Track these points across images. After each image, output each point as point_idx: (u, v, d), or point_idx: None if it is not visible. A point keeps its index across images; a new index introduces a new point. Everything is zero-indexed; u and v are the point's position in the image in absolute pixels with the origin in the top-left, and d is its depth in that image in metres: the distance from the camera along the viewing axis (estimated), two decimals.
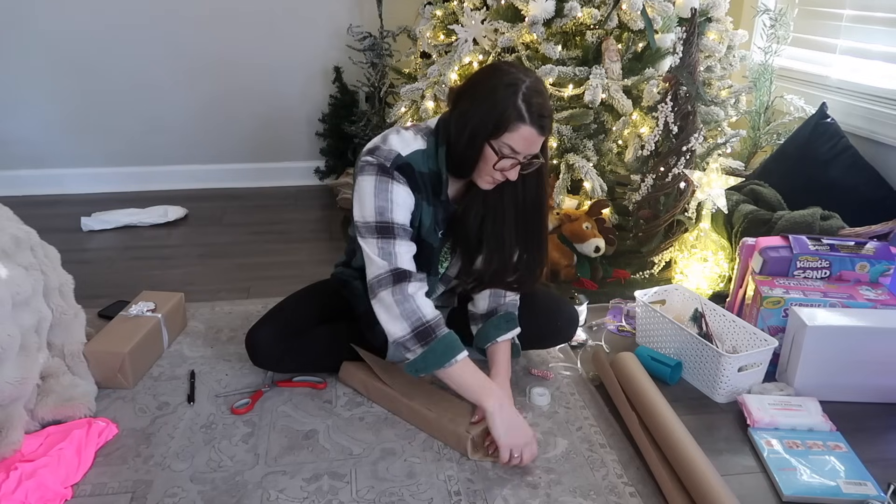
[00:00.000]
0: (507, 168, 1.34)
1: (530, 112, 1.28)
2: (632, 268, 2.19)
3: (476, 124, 1.31)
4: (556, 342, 1.72)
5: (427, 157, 1.39)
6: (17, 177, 2.96)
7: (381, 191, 1.35)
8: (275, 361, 1.59)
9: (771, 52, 2.51)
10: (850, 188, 2.11)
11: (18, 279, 1.36)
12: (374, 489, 1.28)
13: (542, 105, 1.30)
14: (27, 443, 1.31)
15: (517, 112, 1.28)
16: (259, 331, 1.57)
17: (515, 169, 1.34)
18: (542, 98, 1.30)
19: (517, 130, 1.29)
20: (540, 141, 1.32)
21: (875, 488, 1.28)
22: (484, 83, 1.33)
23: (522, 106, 1.28)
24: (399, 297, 1.35)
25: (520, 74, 1.31)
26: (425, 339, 1.34)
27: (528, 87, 1.29)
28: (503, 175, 1.35)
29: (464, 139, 1.34)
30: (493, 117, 1.29)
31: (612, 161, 2.27)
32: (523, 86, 1.29)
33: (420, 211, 1.42)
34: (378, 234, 1.36)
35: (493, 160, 1.32)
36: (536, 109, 1.28)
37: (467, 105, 1.34)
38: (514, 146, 1.30)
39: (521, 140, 1.30)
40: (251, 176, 3.17)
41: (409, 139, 1.39)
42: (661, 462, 1.32)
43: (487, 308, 1.56)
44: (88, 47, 2.82)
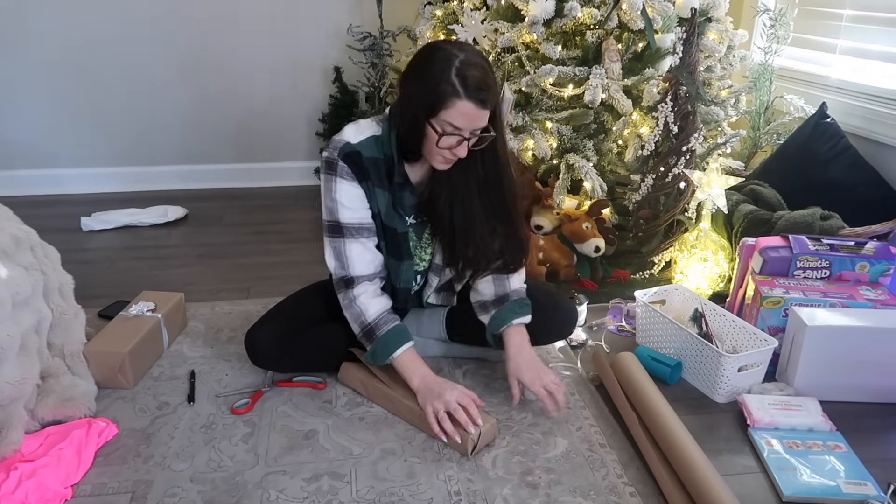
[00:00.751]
0: (453, 145, 1.33)
1: (465, 86, 1.27)
2: (632, 268, 2.19)
3: (415, 105, 1.32)
4: (554, 338, 1.72)
5: (380, 142, 1.42)
6: (17, 177, 2.96)
7: (328, 189, 1.43)
8: (274, 361, 1.59)
9: (771, 52, 2.51)
10: (850, 188, 2.10)
11: (18, 279, 1.36)
12: (374, 489, 1.28)
13: (479, 78, 1.28)
14: (27, 443, 1.31)
15: (452, 87, 1.27)
16: (258, 330, 1.57)
17: (463, 145, 1.33)
18: (479, 70, 1.29)
19: (454, 106, 1.28)
20: (482, 115, 1.31)
21: (875, 488, 1.28)
22: (420, 63, 1.33)
23: (456, 80, 1.27)
24: (346, 302, 1.47)
25: (454, 50, 1.30)
26: (370, 337, 1.45)
27: (461, 62, 1.28)
28: (452, 153, 1.35)
29: (406, 122, 1.35)
30: (429, 96, 1.29)
31: (612, 161, 2.27)
32: (457, 60, 1.28)
33: (374, 198, 1.44)
34: (330, 234, 1.46)
35: (435, 139, 1.32)
36: (473, 83, 1.27)
37: (407, 87, 1.36)
38: (455, 122, 1.30)
39: (459, 116, 1.29)
40: (251, 176, 3.17)
41: (364, 127, 1.43)
42: (661, 462, 1.32)
43: (495, 294, 1.55)
44: (89, 47, 2.82)
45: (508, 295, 1.55)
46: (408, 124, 1.36)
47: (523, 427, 1.47)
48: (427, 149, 1.37)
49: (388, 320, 1.46)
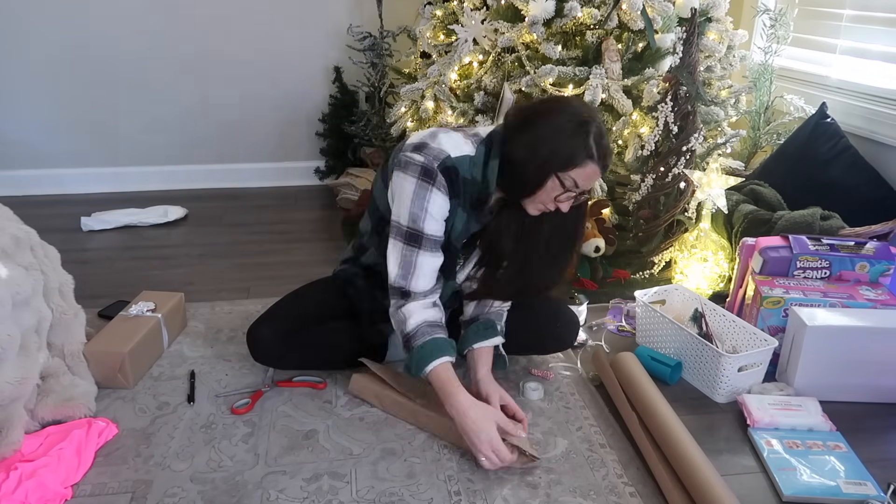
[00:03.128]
0: (564, 200, 1.36)
1: (599, 151, 1.31)
2: (632, 268, 2.19)
3: (547, 154, 1.31)
4: (556, 348, 1.72)
5: (473, 164, 1.38)
6: (17, 177, 2.96)
7: (419, 197, 1.35)
8: (275, 358, 1.60)
9: (771, 52, 2.51)
10: (850, 188, 2.10)
11: (18, 279, 1.36)
12: (374, 489, 1.28)
13: (608, 146, 1.34)
14: (27, 443, 1.31)
15: (589, 150, 1.30)
16: (260, 327, 1.57)
17: (569, 202, 1.37)
18: (607, 139, 1.35)
19: (585, 167, 1.31)
20: (599, 175, 1.36)
21: (875, 488, 1.28)
22: (556, 113, 1.34)
23: (593, 145, 1.31)
24: (393, 310, 1.44)
25: (592, 113, 1.35)
26: (408, 347, 1.41)
27: (597, 127, 1.33)
28: (555, 205, 1.36)
29: (532, 166, 1.33)
30: (566, 151, 1.31)
31: (612, 161, 2.27)
32: (594, 125, 1.32)
33: (454, 217, 1.41)
34: (405, 240, 1.39)
35: (555, 192, 1.34)
36: (604, 150, 1.33)
37: (537, 132, 1.33)
38: (579, 181, 1.33)
39: (586, 176, 1.33)
40: (251, 176, 3.17)
41: (460, 142, 1.38)
42: (661, 462, 1.32)
43: (471, 315, 1.56)
44: (89, 47, 2.82)
45: (479, 316, 1.54)
46: (532, 169, 1.33)
47: None
48: (537, 195, 1.35)
49: (427, 332, 1.39)
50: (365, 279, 1.63)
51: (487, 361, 1.50)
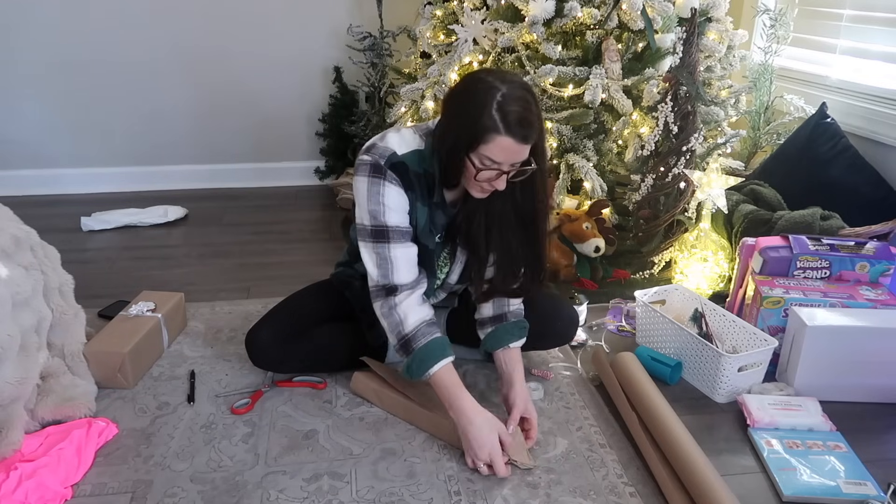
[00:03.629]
0: (492, 179, 1.31)
1: (506, 122, 1.23)
2: (632, 268, 2.19)
3: (455, 138, 1.29)
4: (555, 343, 1.72)
5: (422, 158, 1.37)
6: (17, 177, 2.96)
7: (374, 193, 1.35)
8: (275, 362, 1.59)
9: (771, 52, 2.51)
10: (850, 188, 2.10)
11: (18, 279, 1.36)
12: (374, 489, 1.28)
13: (520, 113, 1.23)
14: (27, 443, 1.31)
15: (492, 123, 1.23)
16: (258, 332, 1.57)
17: (502, 178, 1.31)
18: (521, 104, 1.24)
19: (494, 142, 1.24)
20: (522, 149, 1.27)
21: (875, 488, 1.28)
22: (462, 94, 1.30)
23: (497, 116, 1.23)
24: (385, 310, 1.39)
25: (496, 82, 1.25)
26: (407, 350, 1.37)
27: (503, 96, 1.24)
28: (490, 185, 1.32)
29: (445, 152, 1.32)
30: (469, 131, 1.26)
31: (612, 161, 2.27)
32: (499, 94, 1.23)
33: (415, 211, 1.40)
34: (373, 238, 1.37)
35: (473, 172, 1.29)
36: (513, 118, 1.23)
37: (447, 117, 1.33)
38: (494, 157, 1.26)
39: (499, 151, 1.26)
40: (251, 176, 3.17)
41: (408, 138, 1.38)
42: (661, 462, 1.32)
43: (494, 313, 1.54)
44: (89, 47, 2.82)
45: (506, 315, 1.53)
46: (447, 154, 1.32)
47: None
48: (465, 178, 1.34)
49: (426, 332, 1.37)
50: (361, 280, 1.63)
51: (520, 362, 1.49)
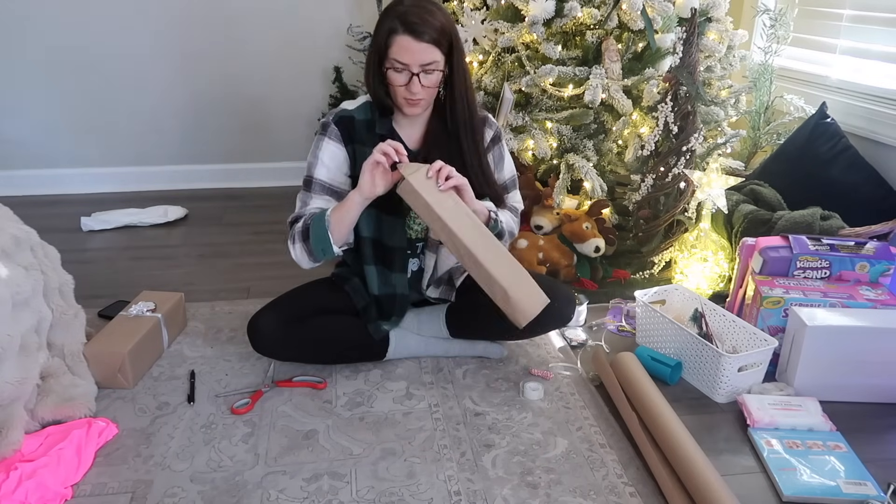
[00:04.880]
0: (403, 82, 1.42)
1: (403, 22, 1.37)
2: (632, 268, 2.19)
3: (370, 56, 1.45)
4: (555, 325, 1.71)
5: (370, 106, 1.54)
6: (17, 177, 2.96)
7: (316, 147, 1.54)
8: (276, 348, 1.60)
9: (771, 52, 2.51)
10: (850, 188, 2.10)
11: (18, 279, 1.36)
12: (374, 489, 1.28)
13: (415, 12, 1.38)
14: (27, 443, 1.31)
15: (391, 24, 1.39)
16: (261, 317, 1.58)
17: (414, 82, 1.41)
18: (417, 7, 1.39)
19: (394, 42, 1.39)
20: (422, 48, 1.38)
21: (875, 488, 1.28)
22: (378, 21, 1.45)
23: (396, 19, 1.38)
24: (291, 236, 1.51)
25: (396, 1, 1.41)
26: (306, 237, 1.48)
27: (394, 3, 1.40)
28: (408, 91, 1.42)
29: (369, 77, 1.47)
30: (377, 41, 1.42)
31: (612, 161, 2.28)
32: (400, 5, 1.40)
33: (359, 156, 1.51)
34: (303, 187, 1.55)
35: (394, 81, 1.42)
36: (408, 17, 1.37)
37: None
38: (399, 58, 1.40)
39: (400, 50, 1.39)
40: (251, 176, 3.17)
41: (362, 97, 1.56)
42: (661, 462, 1.32)
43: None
44: (88, 47, 2.82)
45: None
46: (370, 77, 1.46)
47: (523, 427, 1.47)
48: (392, 96, 1.46)
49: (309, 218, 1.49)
50: (360, 276, 1.64)
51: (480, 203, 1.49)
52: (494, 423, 1.48)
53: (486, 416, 1.50)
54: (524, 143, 2.18)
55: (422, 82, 1.41)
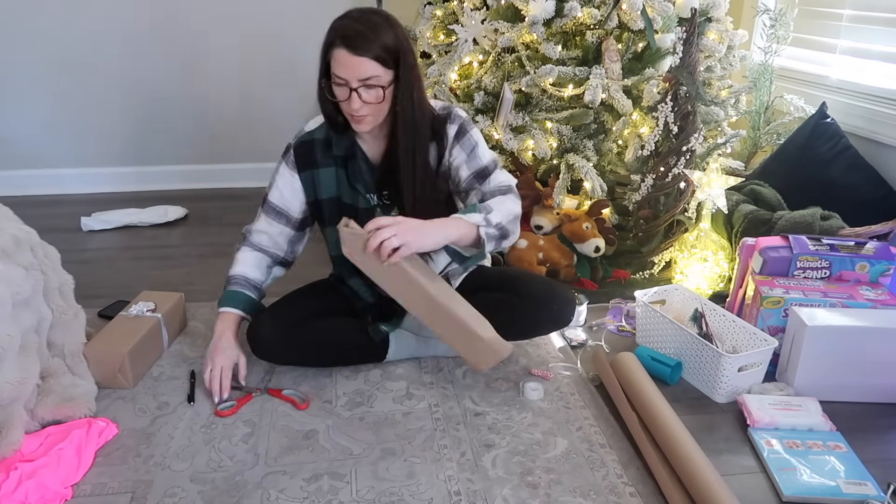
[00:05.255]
0: (344, 98, 1.40)
1: (338, 35, 1.36)
2: (632, 268, 2.19)
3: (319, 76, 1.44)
4: (555, 327, 1.70)
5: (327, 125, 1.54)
6: (17, 177, 2.96)
7: (275, 169, 1.61)
8: (277, 353, 1.60)
9: (771, 52, 2.51)
10: (850, 188, 2.11)
11: (18, 279, 1.36)
12: (374, 489, 1.28)
13: (346, 25, 1.36)
14: (27, 443, 1.31)
15: (329, 42, 1.38)
16: (261, 322, 1.58)
17: (353, 97, 1.38)
18: (349, 19, 1.37)
19: (333, 58, 1.37)
20: (358, 62, 1.35)
21: (875, 488, 1.28)
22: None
23: (332, 33, 1.37)
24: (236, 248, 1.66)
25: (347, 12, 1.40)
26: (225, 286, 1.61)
27: (341, 17, 1.39)
28: (350, 107, 1.40)
29: (318, 92, 1.46)
30: (321, 56, 1.41)
31: (612, 161, 2.28)
32: (343, 18, 1.38)
33: (319, 183, 1.56)
34: (261, 202, 1.63)
35: (339, 96, 1.41)
36: (339, 31, 1.36)
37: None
38: (338, 73, 1.38)
39: (337, 65, 1.37)
40: (251, 176, 3.17)
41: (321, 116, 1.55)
42: (661, 462, 1.32)
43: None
44: (88, 47, 2.82)
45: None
46: (318, 91, 1.46)
47: (523, 427, 1.47)
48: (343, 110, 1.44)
49: (239, 283, 1.59)
50: (357, 277, 1.64)
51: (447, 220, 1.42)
52: (494, 423, 1.48)
53: (486, 416, 1.50)
54: (524, 143, 2.18)
55: (362, 97, 1.38)
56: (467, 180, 1.53)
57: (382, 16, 1.41)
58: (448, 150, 1.53)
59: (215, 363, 1.52)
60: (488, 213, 1.44)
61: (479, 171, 1.54)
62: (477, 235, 1.41)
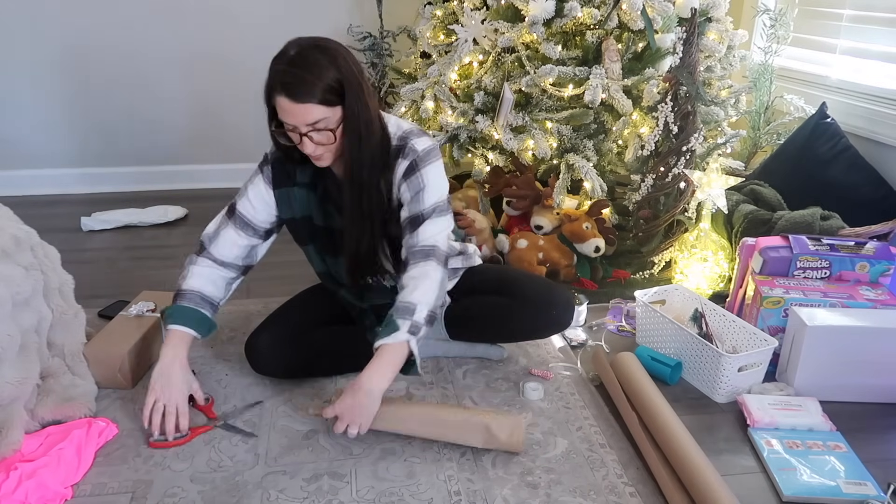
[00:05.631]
0: (297, 142, 1.33)
1: (276, 82, 1.28)
2: (632, 268, 2.19)
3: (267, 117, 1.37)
4: (554, 330, 1.69)
5: None
6: (17, 177, 2.96)
7: (249, 179, 1.53)
8: (274, 367, 1.58)
9: (771, 52, 2.51)
10: (850, 188, 2.11)
11: (18, 279, 1.36)
12: (374, 489, 1.28)
13: (284, 71, 1.27)
14: (27, 443, 1.31)
15: (269, 88, 1.30)
16: (258, 337, 1.57)
17: (305, 141, 1.32)
18: (284, 62, 1.27)
19: (277, 104, 1.30)
20: (302, 109, 1.27)
21: (875, 488, 1.28)
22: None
23: (271, 80, 1.29)
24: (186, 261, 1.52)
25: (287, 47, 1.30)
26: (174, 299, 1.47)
27: (276, 57, 1.29)
28: (303, 149, 1.34)
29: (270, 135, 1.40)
30: (266, 103, 1.34)
31: (612, 161, 2.28)
32: (280, 59, 1.28)
33: (293, 201, 1.50)
34: (227, 209, 1.54)
35: (290, 140, 1.35)
36: (279, 77, 1.27)
37: None
38: (287, 121, 1.31)
39: (283, 113, 1.30)
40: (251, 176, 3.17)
41: None
42: (661, 462, 1.32)
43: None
44: (89, 47, 2.82)
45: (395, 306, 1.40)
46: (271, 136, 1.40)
47: None
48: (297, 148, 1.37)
49: (192, 299, 1.45)
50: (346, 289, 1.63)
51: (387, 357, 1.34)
52: None
53: None
54: (524, 143, 2.18)
55: (314, 140, 1.32)
56: (403, 224, 1.44)
57: (322, 49, 1.29)
58: (396, 188, 1.44)
59: (169, 398, 1.37)
60: (412, 315, 1.33)
61: (413, 218, 1.41)
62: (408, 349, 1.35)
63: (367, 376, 1.33)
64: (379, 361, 1.34)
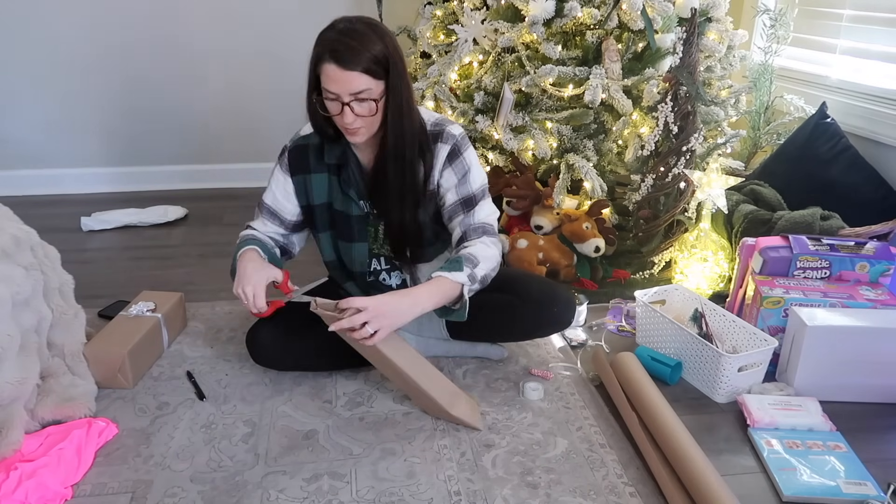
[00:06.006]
0: (337, 112, 1.36)
1: (326, 49, 1.31)
2: (632, 268, 2.19)
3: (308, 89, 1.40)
4: (555, 329, 1.70)
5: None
6: (17, 177, 2.96)
7: (271, 172, 1.59)
8: (275, 359, 1.60)
9: (771, 52, 2.51)
10: (850, 188, 2.10)
11: (18, 279, 1.36)
12: (374, 489, 1.28)
13: (333, 38, 1.32)
14: (27, 443, 1.31)
15: (317, 57, 1.34)
16: (259, 329, 1.58)
17: (346, 111, 1.35)
18: (335, 31, 1.33)
19: (322, 72, 1.33)
20: (348, 76, 1.31)
21: (875, 488, 1.28)
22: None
23: (320, 47, 1.33)
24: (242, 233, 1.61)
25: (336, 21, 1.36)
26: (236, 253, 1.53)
27: (328, 28, 1.35)
28: (342, 120, 1.37)
29: (307, 103, 1.43)
30: (310, 70, 1.37)
31: (612, 161, 2.27)
32: (329, 30, 1.34)
33: (311, 189, 1.54)
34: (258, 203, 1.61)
35: (330, 110, 1.37)
36: (332, 44, 1.31)
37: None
38: (328, 88, 1.34)
39: (328, 80, 1.33)
40: (251, 176, 3.17)
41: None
42: (661, 462, 1.32)
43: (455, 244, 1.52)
44: (88, 47, 2.82)
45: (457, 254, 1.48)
46: (308, 104, 1.43)
47: (523, 427, 1.47)
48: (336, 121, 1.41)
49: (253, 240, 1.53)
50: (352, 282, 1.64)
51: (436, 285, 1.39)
52: (494, 422, 1.48)
53: (486, 415, 1.50)
54: (524, 143, 2.18)
55: (355, 111, 1.35)
56: (452, 206, 1.50)
57: (370, 25, 1.36)
58: (438, 172, 1.48)
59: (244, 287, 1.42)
60: (474, 266, 1.41)
61: (466, 199, 1.49)
62: (459, 293, 1.40)
63: (417, 291, 1.37)
64: (431, 286, 1.38)
